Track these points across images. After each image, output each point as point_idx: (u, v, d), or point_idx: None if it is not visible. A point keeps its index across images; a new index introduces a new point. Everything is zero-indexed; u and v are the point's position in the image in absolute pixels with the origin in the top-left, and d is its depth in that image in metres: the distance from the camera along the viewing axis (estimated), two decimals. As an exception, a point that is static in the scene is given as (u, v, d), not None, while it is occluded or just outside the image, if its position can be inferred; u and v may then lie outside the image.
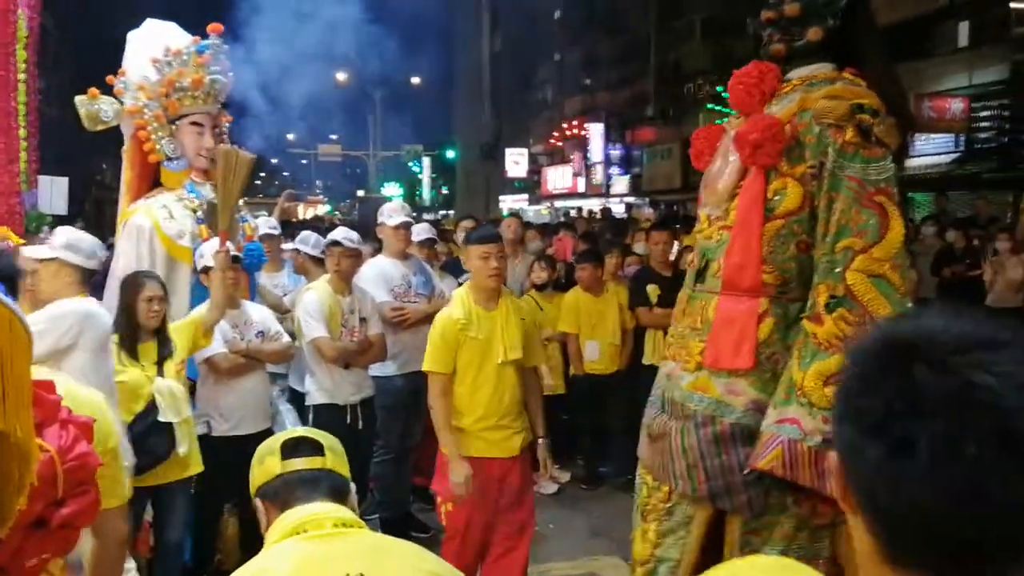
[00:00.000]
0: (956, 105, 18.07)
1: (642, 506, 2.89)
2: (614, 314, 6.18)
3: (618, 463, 6.32)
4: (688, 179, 28.08)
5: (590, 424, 6.36)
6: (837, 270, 2.49)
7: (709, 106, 24.69)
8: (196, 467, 3.96)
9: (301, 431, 1.81)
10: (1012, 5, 17.05)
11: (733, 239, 2.66)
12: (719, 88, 24.87)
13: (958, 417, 0.74)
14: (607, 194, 31.34)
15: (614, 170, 32.46)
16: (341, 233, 4.88)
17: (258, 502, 1.73)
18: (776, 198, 2.60)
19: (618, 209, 26.14)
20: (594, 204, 28.81)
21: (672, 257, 6.48)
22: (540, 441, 4.09)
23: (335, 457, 1.75)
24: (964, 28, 19.28)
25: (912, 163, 19.62)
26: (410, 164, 47.09)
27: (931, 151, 19.42)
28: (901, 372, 0.78)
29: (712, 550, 2.67)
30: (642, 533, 2.87)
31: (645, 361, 6.20)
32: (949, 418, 0.75)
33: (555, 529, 5.57)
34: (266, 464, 1.73)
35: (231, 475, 4.17)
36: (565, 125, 34.66)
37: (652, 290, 6.17)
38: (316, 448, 1.73)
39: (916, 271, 9.54)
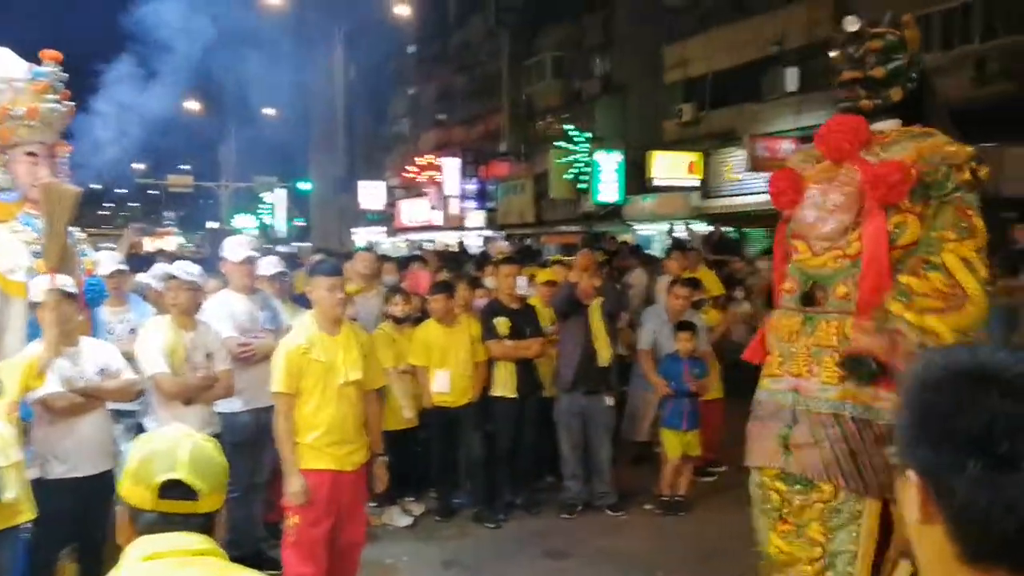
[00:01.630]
0: (786, 146, 19.34)
1: (776, 510, 3.24)
2: (466, 346, 6.28)
3: (471, 494, 6.42)
4: (540, 214, 28.77)
5: (443, 456, 6.41)
6: (932, 248, 3.02)
7: (558, 143, 25.41)
8: (27, 513, 3.77)
9: (183, 472, 1.79)
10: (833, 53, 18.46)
11: (866, 267, 3.08)
12: (568, 125, 25.70)
13: None
14: (463, 227, 31.62)
15: (469, 204, 32.79)
16: (179, 267, 4.83)
17: (121, 508, 1.78)
18: (896, 231, 3.07)
19: (475, 242, 26.41)
20: (450, 237, 29.04)
21: (520, 291, 6.65)
22: (378, 458, 4.49)
23: (211, 498, 1.79)
24: (793, 74, 20.73)
25: (747, 200, 20.85)
26: (263, 195, 46.07)
27: (763, 189, 20.57)
28: (985, 399, 0.92)
29: (881, 537, 3.04)
30: (783, 534, 3.23)
31: (495, 393, 6.33)
32: None
33: (409, 562, 5.60)
34: (140, 490, 1.76)
35: (68, 519, 4.01)
36: (420, 159, 34.81)
37: (502, 323, 6.33)
38: (192, 493, 1.77)
39: (753, 303, 10.16)
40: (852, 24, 3.35)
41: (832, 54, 3.39)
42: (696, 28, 23.29)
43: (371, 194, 37.39)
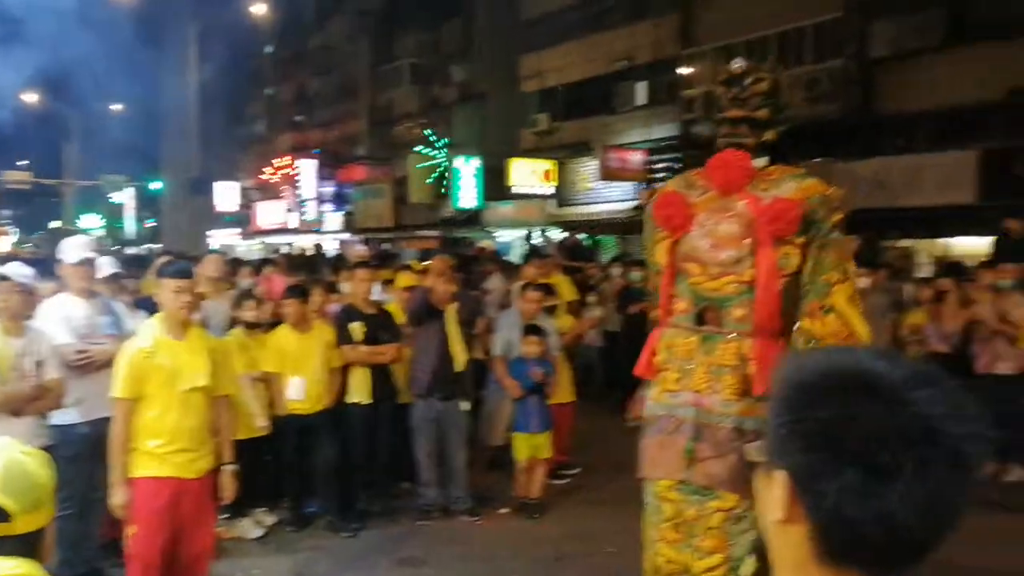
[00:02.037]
0: (636, 157, 20.03)
1: (668, 520, 3.42)
2: (320, 352, 6.17)
3: (326, 502, 6.29)
4: (399, 218, 28.62)
5: (296, 464, 6.26)
6: (823, 291, 3.35)
7: (418, 148, 25.35)
8: None
9: None
10: (679, 71, 19.29)
11: (761, 293, 3.35)
12: (427, 132, 25.70)
13: (927, 444, 0.89)
14: (320, 231, 31.05)
15: (327, 207, 32.25)
16: (11, 267, 4.52)
17: None
18: (783, 260, 3.37)
19: (332, 246, 25.97)
20: (307, 240, 28.44)
21: (374, 296, 6.59)
22: (226, 467, 4.32)
23: (27, 518, 1.68)
24: (642, 88, 21.48)
25: (600, 208, 21.44)
26: (112, 195, 43.72)
27: (616, 198, 21.31)
28: (866, 405, 0.91)
29: None
30: (672, 543, 3.40)
31: (350, 399, 6.25)
32: (919, 446, 0.89)
33: (260, 575, 5.44)
34: None
35: None
36: (277, 160, 33.96)
37: (356, 328, 6.25)
38: (3, 515, 1.66)
39: (604, 308, 10.42)
40: (739, 66, 3.62)
41: (719, 90, 3.66)
42: (551, 40, 23.79)
43: (227, 195, 36.18)
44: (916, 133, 15.71)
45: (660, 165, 20.38)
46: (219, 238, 35.57)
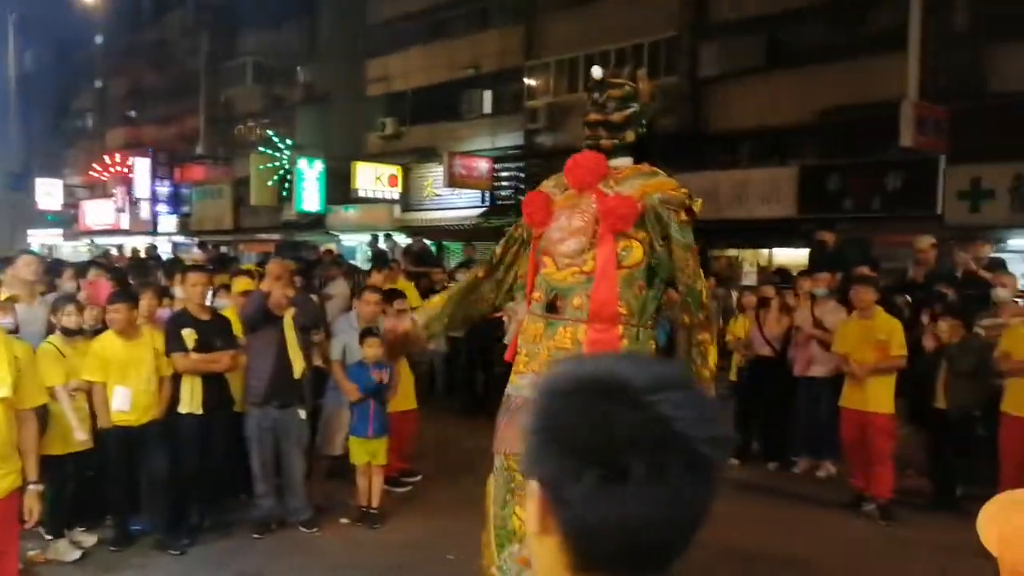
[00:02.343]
0: (483, 164, 20.23)
1: (520, 487, 3.56)
2: (149, 360, 5.87)
3: (153, 519, 6.00)
4: (239, 221, 27.72)
5: (122, 479, 5.91)
6: (696, 304, 3.63)
7: (260, 149, 24.67)
8: None
9: None
10: (524, 80, 19.64)
11: (597, 282, 3.60)
12: (270, 131, 25.03)
13: (662, 446, 0.89)
14: (154, 232, 29.66)
15: (162, 207, 30.87)
16: None
17: None
18: (624, 253, 3.61)
19: (167, 248, 24.87)
20: (139, 242, 27.06)
21: (208, 301, 6.35)
22: (30, 487, 4.01)
23: None
24: (488, 97, 21.74)
25: (446, 215, 21.51)
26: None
27: (462, 205, 21.46)
28: (608, 410, 0.90)
29: None
30: (525, 507, 3.54)
31: (182, 409, 5.98)
32: (655, 448, 0.89)
33: (76, 598, 5.13)
34: None
35: None
36: (108, 157, 32.19)
37: (188, 334, 5.99)
38: None
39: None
40: (597, 73, 3.88)
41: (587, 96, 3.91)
42: (398, 45, 23.77)
43: (50, 193, 33.96)
44: (741, 149, 16.70)
45: (505, 173, 20.68)
46: (41, 238, 33.40)
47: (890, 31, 13.98)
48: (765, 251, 15.02)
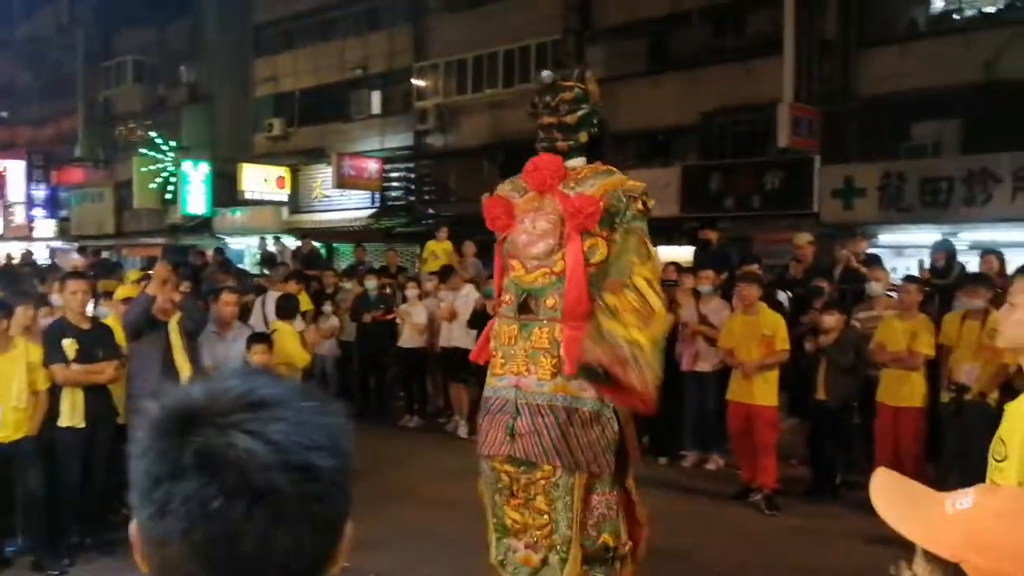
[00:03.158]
0: (372, 165, 20.06)
1: (507, 488, 3.85)
2: (21, 373, 5.59)
3: (29, 539, 5.71)
4: (122, 225, 26.69)
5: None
6: (624, 272, 3.68)
7: (142, 150, 23.83)
8: None
9: None
10: (413, 81, 19.57)
11: (568, 282, 3.73)
12: (153, 133, 24.17)
13: (209, 476, 0.79)
14: (30, 237, 28.26)
15: (38, 212, 29.46)
16: None
17: None
18: (590, 251, 3.74)
19: (44, 254, 23.74)
20: (14, 248, 25.72)
21: (89, 310, 6.10)
22: None
23: None
24: (377, 97, 21.57)
25: (336, 216, 21.24)
26: None
27: (352, 206, 21.23)
28: (176, 438, 0.82)
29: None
30: (515, 507, 3.86)
31: (62, 423, 5.72)
32: (200, 478, 0.79)
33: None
34: None
35: None
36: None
37: (69, 344, 5.74)
38: None
39: (339, 317, 10.33)
40: (547, 77, 4.03)
41: (535, 100, 4.04)
42: (285, 45, 23.37)
43: (-93, 197, 31.94)
44: (627, 150, 17.06)
45: (395, 174, 20.55)
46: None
47: (767, 37, 14.54)
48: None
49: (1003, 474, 2.18)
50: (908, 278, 8.13)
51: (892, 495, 1.18)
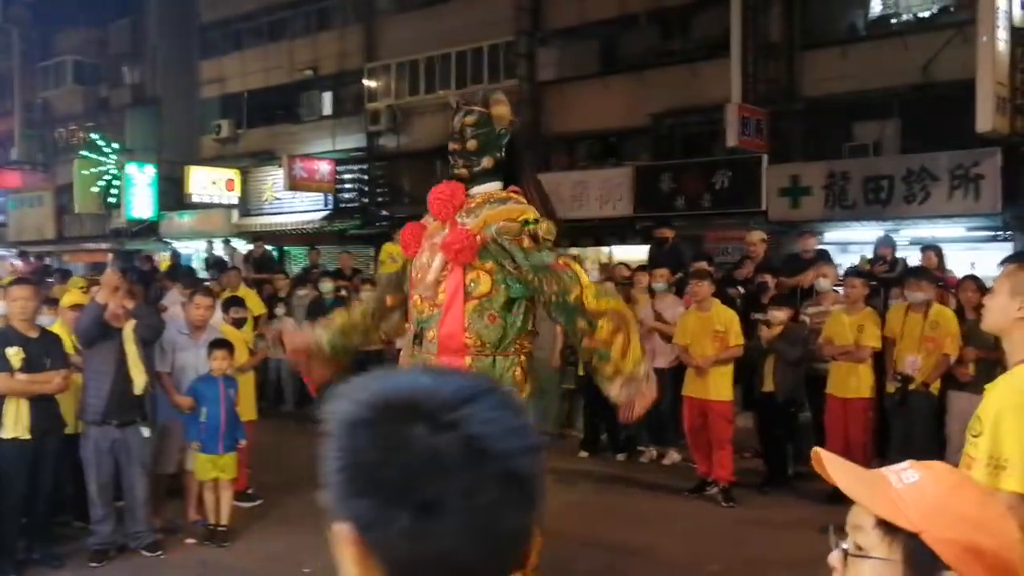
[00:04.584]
0: (324, 167, 19.87)
1: None
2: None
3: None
4: (63, 229, 26.09)
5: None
6: (577, 311, 3.59)
7: (84, 153, 23.30)
8: None
9: None
10: (364, 82, 19.45)
11: (444, 315, 3.63)
12: (95, 135, 23.66)
13: (472, 467, 0.82)
14: (-36, 244, 27.44)
15: (-26, 216, 28.64)
16: None
17: None
18: (472, 284, 3.64)
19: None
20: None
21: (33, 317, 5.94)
22: None
23: None
24: (328, 98, 21.38)
25: (287, 219, 21.01)
26: None
27: (303, 209, 21.01)
28: (407, 437, 0.82)
29: None
30: None
31: (5, 435, 5.55)
32: (464, 471, 0.82)
33: None
34: None
35: None
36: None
37: (14, 353, 5.58)
38: None
39: (294, 320, 10.22)
40: (452, 101, 3.97)
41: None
42: (232, 45, 23.05)
43: None
44: (579, 151, 17.18)
45: (348, 176, 20.39)
46: None
47: (713, 40, 14.77)
48: (605, 249, 15.49)
49: (977, 448, 2.33)
50: (852, 271, 8.32)
51: (846, 471, 1.22)
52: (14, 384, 5.55)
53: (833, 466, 1.19)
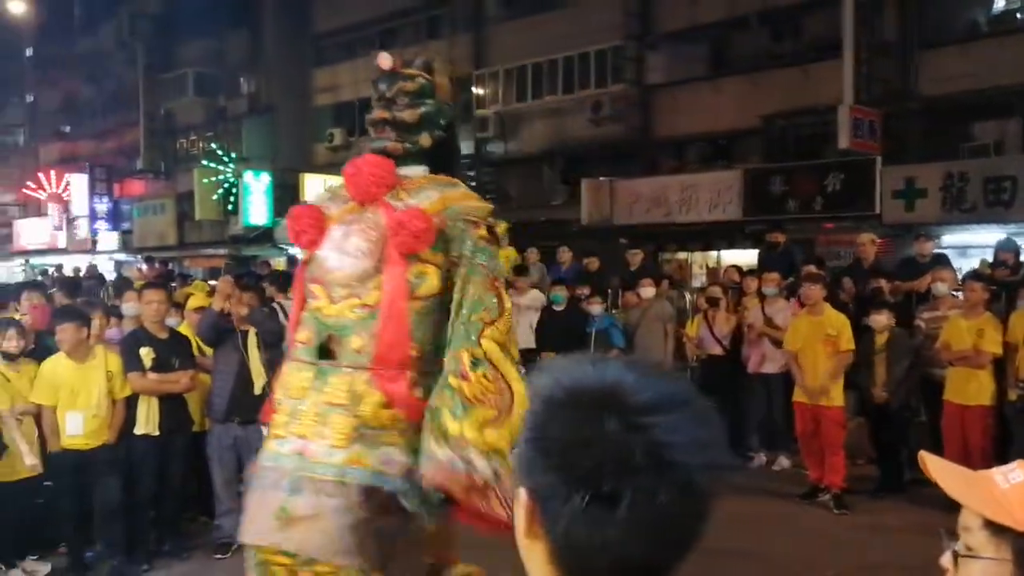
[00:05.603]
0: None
1: None
2: (101, 382, 5.75)
3: (109, 545, 5.86)
4: (184, 236, 27.26)
5: (74, 505, 5.75)
6: (473, 337, 2.86)
7: (204, 162, 24.31)
8: None
9: None
10: (473, 89, 19.69)
11: (384, 319, 2.89)
12: (214, 144, 24.66)
13: (654, 473, 0.87)
14: (93, 250, 28.98)
15: (101, 225, 30.17)
16: None
17: None
18: (417, 281, 2.92)
19: (108, 267, 24.36)
20: (79, 261, 26.45)
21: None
22: None
23: None
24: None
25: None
26: None
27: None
28: (600, 431, 0.87)
29: None
30: None
31: (138, 431, 5.87)
32: (647, 474, 0.86)
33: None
34: None
35: None
36: (42, 174, 31.38)
37: (146, 353, 5.90)
38: None
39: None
40: (386, 61, 3.23)
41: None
42: (345, 54, 23.62)
43: (-20, 212, 33.02)
44: (688, 154, 17.00)
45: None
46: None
47: (825, 40, 14.44)
48: (714, 253, 15.28)
49: None
50: (972, 275, 8.01)
51: (951, 476, 1.21)
52: (146, 383, 5.86)
53: (936, 468, 1.19)
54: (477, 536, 2.86)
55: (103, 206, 30.09)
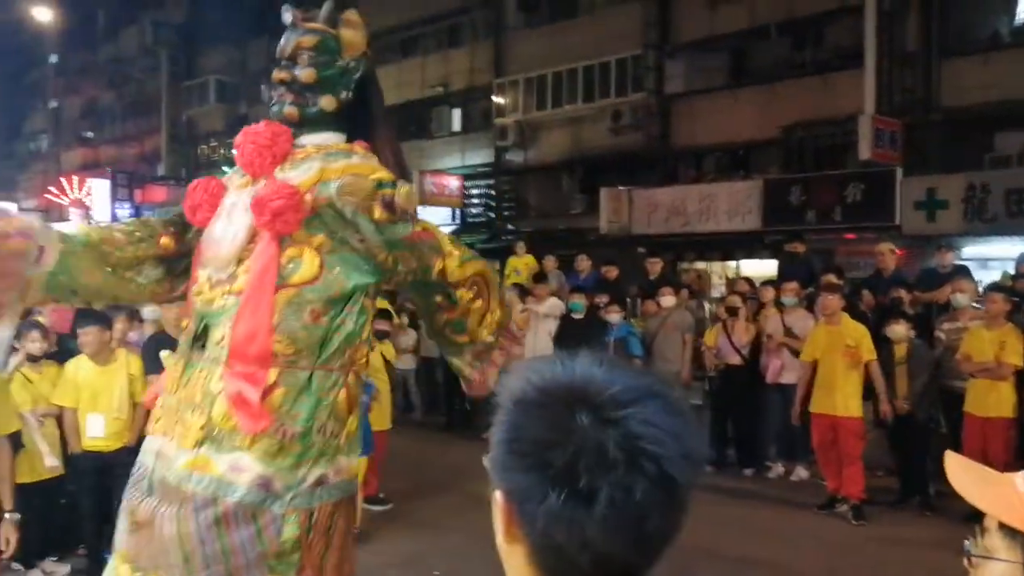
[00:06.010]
0: (453, 182, 20.29)
1: None
2: (122, 384, 5.79)
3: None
4: (203, 241, 27.46)
5: (94, 507, 5.78)
6: (435, 289, 2.82)
7: (226, 169, 24.45)
8: None
9: None
10: (493, 98, 19.76)
11: (243, 306, 2.54)
12: (234, 151, 24.85)
13: (630, 465, 0.86)
14: (116, 255, 29.17)
15: (123, 229, 30.31)
16: None
17: None
18: (290, 266, 2.56)
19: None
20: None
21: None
22: (6, 516, 3.84)
23: None
24: (457, 115, 21.79)
25: (415, 232, 21.46)
26: None
27: (434, 223, 21.46)
28: (574, 427, 0.87)
29: None
30: None
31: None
32: (623, 467, 0.86)
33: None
34: None
35: None
36: (65, 180, 31.68)
37: (166, 356, 5.92)
38: None
39: (419, 331, 10.44)
40: (287, 15, 2.90)
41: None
42: (364, 63, 23.66)
43: (2, 217, 33.25)
44: (707, 164, 16.98)
45: (475, 191, 20.77)
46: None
47: (846, 50, 14.39)
48: (732, 263, 15.23)
49: None
50: (993, 286, 7.95)
51: (967, 475, 1.21)
52: (166, 385, 5.89)
53: (954, 466, 1.19)
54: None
55: (124, 212, 30.28)
